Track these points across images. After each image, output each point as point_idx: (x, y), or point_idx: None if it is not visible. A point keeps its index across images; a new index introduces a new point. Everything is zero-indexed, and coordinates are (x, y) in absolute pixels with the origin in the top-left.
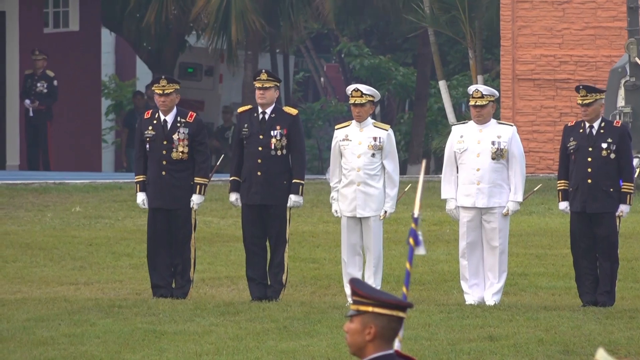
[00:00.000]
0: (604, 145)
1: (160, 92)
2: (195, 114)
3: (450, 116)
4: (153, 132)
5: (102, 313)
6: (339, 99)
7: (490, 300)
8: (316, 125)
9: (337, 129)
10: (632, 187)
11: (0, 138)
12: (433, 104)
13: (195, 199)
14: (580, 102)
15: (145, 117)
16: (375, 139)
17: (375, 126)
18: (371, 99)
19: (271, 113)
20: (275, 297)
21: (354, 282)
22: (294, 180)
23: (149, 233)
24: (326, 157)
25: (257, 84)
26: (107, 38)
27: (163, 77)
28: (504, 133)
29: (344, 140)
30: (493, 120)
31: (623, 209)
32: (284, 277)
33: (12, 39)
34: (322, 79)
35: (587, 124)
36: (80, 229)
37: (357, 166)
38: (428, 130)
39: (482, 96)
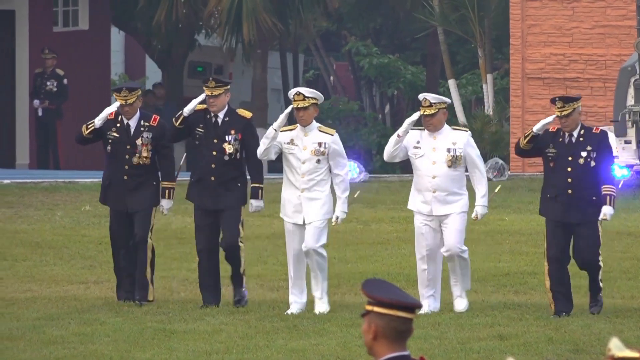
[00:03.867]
0: (584, 154)
1: (124, 102)
2: (159, 118)
3: (460, 115)
4: (116, 135)
5: (112, 312)
6: (349, 98)
7: (460, 306)
8: (325, 123)
9: (282, 131)
10: (613, 190)
11: (10, 137)
12: None
13: (165, 204)
14: (559, 114)
15: (109, 117)
16: (320, 144)
17: (320, 131)
18: (314, 101)
19: (224, 117)
20: (239, 298)
21: (365, 281)
22: (252, 185)
23: (111, 236)
24: None
25: (207, 92)
26: (117, 37)
27: (124, 87)
28: (459, 139)
29: (288, 144)
30: (447, 127)
31: (605, 211)
32: (242, 269)
33: (21, 37)
34: (331, 78)
35: (567, 133)
36: (90, 228)
37: (302, 172)
38: None
39: (431, 105)
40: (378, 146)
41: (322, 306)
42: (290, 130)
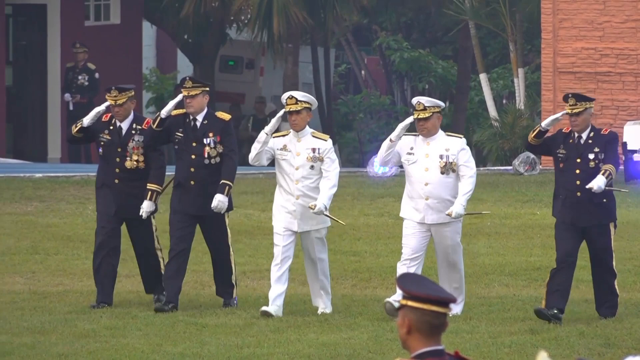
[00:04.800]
0: (591, 156)
1: (113, 102)
2: (151, 121)
3: (491, 109)
4: (108, 137)
5: (144, 305)
6: (380, 92)
7: (456, 309)
8: (357, 117)
9: (274, 137)
10: (613, 169)
11: (42, 131)
12: (474, 97)
13: (145, 206)
14: (569, 111)
15: (103, 119)
16: (314, 150)
17: (314, 136)
18: (307, 105)
19: (203, 120)
20: (229, 301)
21: (400, 276)
22: (221, 181)
23: (97, 239)
24: (367, 150)
25: (184, 92)
26: (148, 31)
27: (114, 87)
28: (453, 145)
29: (281, 150)
30: (441, 132)
31: (597, 181)
32: (232, 278)
33: (53, 31)
34: (362, 72)
35: (576, 134)
36: None
37: (296, 179)
38: (469, 124)
39: (425, 108)
40: None
41: (326, 308)
42: (283, 135)
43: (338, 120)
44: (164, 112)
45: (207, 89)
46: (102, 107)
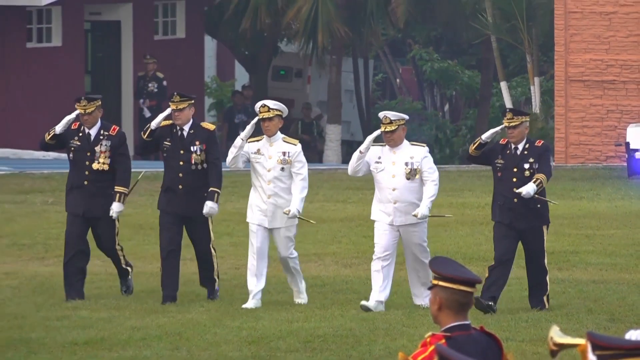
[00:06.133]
0: (526, 166)
1: (83, 111)
2: (118, 128)
3: None
4: (78, 143)
5: None
6: (412, 98)
7: (427, 301)
8: None
9: (249, 142)
10: (544, 178)
11: None
12: (495, 102)
13: (115, 207)
14: (507, 124)
15: (72, 127)
16: (284, 153)
17: (284, 141)
18: (279, 113)
19: (189, 129)
20: (212, 295)
21: (432, 259)
22: (210, 189)
23: (66, 239)
24: None
25: (172, 106)
26: (210, 44)
27: (83, 97)
28: (417, 154)
29: (255, 153)
30: (406, 142)
31: (527, 187)
32: (214, 273)
33: (126, 45)
34: (397, 80)
35: (513, 146)
36: None
37: (268, 179)
38: (491, 126)
39: (391, 122)
40: (436, 140)
41: (302, 299)
42: (257, 141)
43: (376, 123)
44: (153, 124)
45: (193, 101)
46: (73, 115)
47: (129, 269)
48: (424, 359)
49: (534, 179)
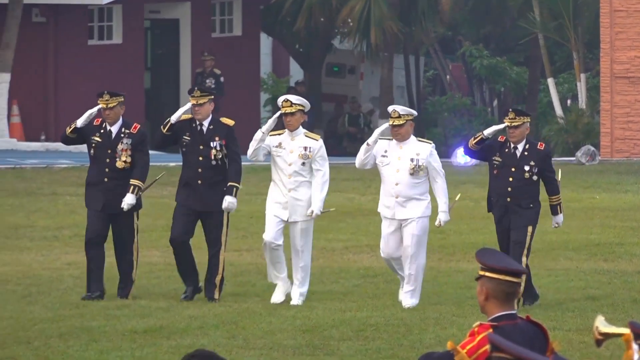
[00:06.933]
0: (527, 168)
1: (105, 105)
2: (139, 126)
3: (558, 109)
4: (99, 140)
5: (261, 275)
6: (462, 94)
7: (408, 302)
8: (443, 116)
9: (271, 135)
10: (559, 199)
11: None
12: (543, 98)
13: (127, 199)
14: (508, 124)
15: (94, 124)
16: (305, 148)
17: (306, 136)
18: (301, 108)
19: (209, 125)
20: (211, 297)
21: (478, 251)
22: (229, 183)
23: (86, 234)
24: (451, 143)
25: (192, 101)
26: (265, 41)
27: (106, 91)
28: (422, 150)
29: (276, 147)
30: (413, 138)
31: (557, 220)
32: (217, 279)
33: (185, 42)
34: (447, 77)
35: (513, 145)
36: (243, 204)
37: (289, 173)
38: (538, 120)
39: (400, 116)
40: None
41: (297, 300)
42: (279, 134)
43: (426, 118)
44: (173, 118)
45: (213, 97)
46: (94, 109)
47: (133, 280)
48: (472, 348)
49: (555, 204)
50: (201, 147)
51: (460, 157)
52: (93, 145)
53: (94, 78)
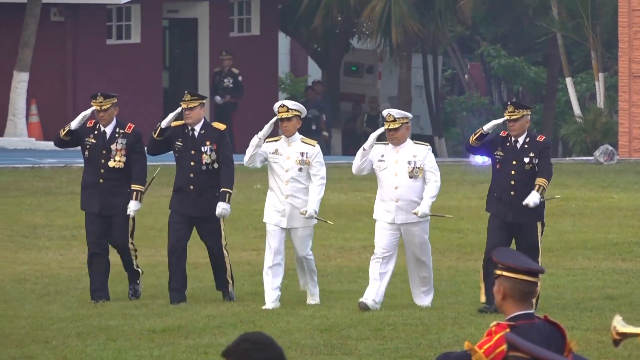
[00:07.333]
0: (527, 160)
1: (99, 108)
2: (133, 126)
3: (576, 108)
4: (93, 141)
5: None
6: (480, 94)
7: (425, 302)
8: (460, 115)
9: (267, 142)
10: (545, 183)
11: None
12: (561, 98)
13: (132, 206)
14: (508, 117)
15: (88, 125)
16: (302, 154)
17: (303, 142)
18: (297, 113)
19: (200, 129)
20: (228, 296)
21: (496, 250)
22: (222, 189)
23: (87, 238)
24: None
25: (183, 105)
26: (283, 41)
27: (99, 93)
28: (419, 152)
29: (273, 153)
30: (409, 141)
31: (532, 197)
32: (227, 275)
33: (203, 41)
34: (466, 76)
35: (513, 138)
36: (260, 203)
37: (286, 179)
38: (557, 120)
39: (395, 119)
40: None
41: (314, 300)
42: (275, 141)
43: (445, 118)
44: (164, 123)
45: (204, 101)
46: (88, 111)
47: (139, 270)
48: (490, 348)
49: (536, 186)
50: (192, 152)
51: (479, 156)
52: (87, 146)
53: (112, 77)
